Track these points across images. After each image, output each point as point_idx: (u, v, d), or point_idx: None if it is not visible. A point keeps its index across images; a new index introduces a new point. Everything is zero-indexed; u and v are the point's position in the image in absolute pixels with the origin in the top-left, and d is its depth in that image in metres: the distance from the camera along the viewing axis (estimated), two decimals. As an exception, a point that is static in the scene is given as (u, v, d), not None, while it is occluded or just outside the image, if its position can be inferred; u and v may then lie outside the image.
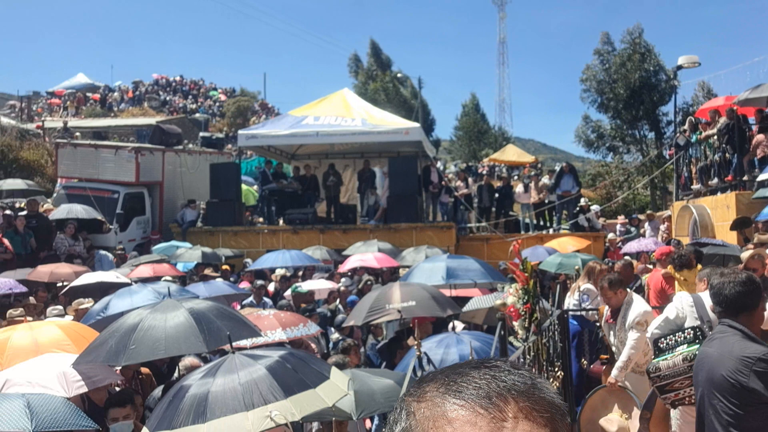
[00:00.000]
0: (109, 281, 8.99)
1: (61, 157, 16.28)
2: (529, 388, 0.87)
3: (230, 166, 17.44)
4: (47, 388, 4.80)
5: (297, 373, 4.11)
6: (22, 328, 5.71)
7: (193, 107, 39.56)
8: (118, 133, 26.28)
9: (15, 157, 20.19)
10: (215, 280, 10.14)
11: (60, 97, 38.41)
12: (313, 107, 17.45)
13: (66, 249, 12.88)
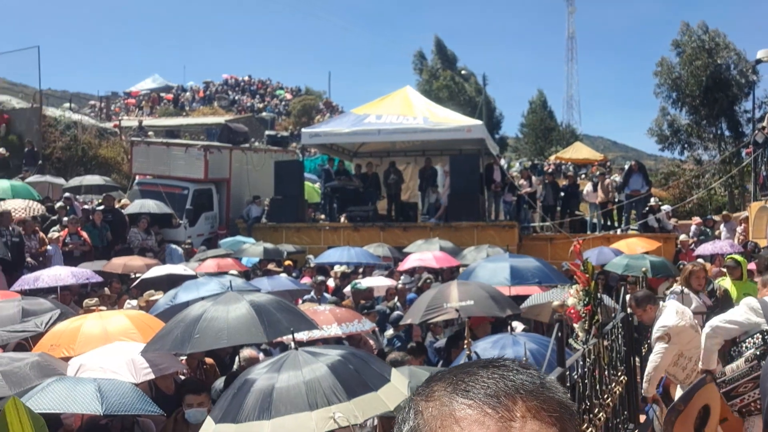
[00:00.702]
0: (177, 274, 9.36)
1: (136, 154, 17.06)
2: (538, 387, 0.86)
3: (294, 163, 17.78)
4: (117, 373, 5.04)
5: (359, 374, 4.07)
6: (92, 317, 6.01)
7: (260, 106, 40.54)
8: (189, 132, 27.26)
9: (94, 154, 21.31)
10: (278, 275, 10.36)
11: (136, 98, 40.23)
12: (375, 105, 17.56)
13: (139, 242, 13.48)
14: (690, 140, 32.17)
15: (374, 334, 8.60)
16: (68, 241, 12.26)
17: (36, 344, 6.02)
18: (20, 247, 11.07)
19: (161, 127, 27.78)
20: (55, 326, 6.08)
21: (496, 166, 17.00)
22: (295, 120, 38.21)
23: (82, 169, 19.64)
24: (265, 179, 17.34)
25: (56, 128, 21.29)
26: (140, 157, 16.99)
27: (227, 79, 46.30)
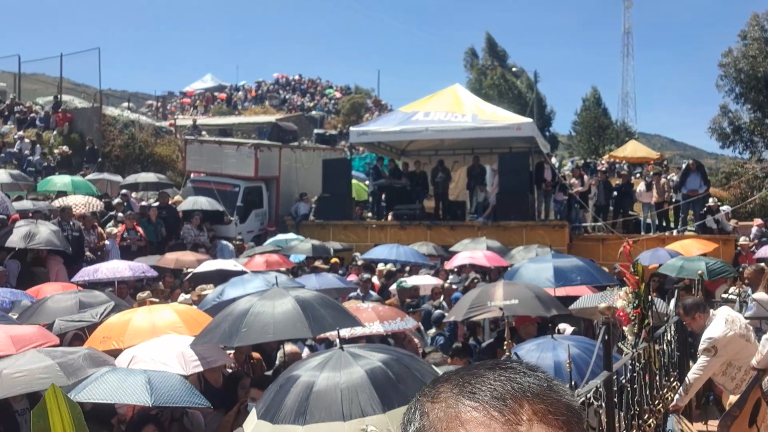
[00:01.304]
0: (227, 269, 9.57)
1: (189, 152, 17.54)
2: (545, 390, 0.85)
3: (342, 161, 17.92)
4: (167, 365, 5.19)
5: (398, 384, 3.96)
6: (142, 311, 6.20)
7: (310, 105, 41.02)
8: (241, 131, 27.84)
9: (150, 152, 22.00)
10: (325, 272, 10.46)
11: (191, 97, 41.34)
12: (423, 103, 17.51)
13: (192, 238, 13.84)
14: (752, 138, 30.79)
15: (419, 333, 8.59)
16: (126, 236, 12.72)
17: (91, 335, 6.26)
18: (80, 242, 11.54)
19: (214, 125, 28.45)
20: (108, 318, 6.31)
21: (547, 164, 16.69)
22: (344, 118, 38.48)
23: (138, 167, 20.30)
24: (314, 177, 17.53)
25: (115, 127, 22.08)
26: (194, 155, 17.45)
27: (278, 78, 47.04)
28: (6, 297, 7.99)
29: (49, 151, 20.27)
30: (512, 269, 8.52)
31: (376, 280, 12.16)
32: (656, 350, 4.99)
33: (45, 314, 6.98)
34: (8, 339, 5.75)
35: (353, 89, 49.85)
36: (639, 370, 4.45)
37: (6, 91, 25.50)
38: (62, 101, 22.99)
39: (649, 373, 4.76)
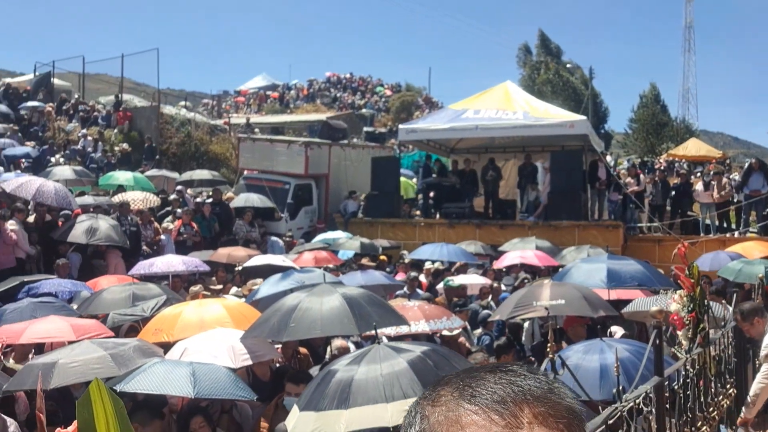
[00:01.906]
0: (275, 264, 9.74)
1: (242, 150, 17.93)
2: (546, 393, 0.84)
3: (390, 159, 17.95)
4: (218, 358, 5.33)
5: (438, 370, 4.17)
6: (192, 305, 6.38)
7: (360, 103, 41.25)
8: (292, 129, 28.25)
9: (205, 150, 22.59)
10: (372, 270, 10.50)
11: (245, 96, 42.21)
12: (473, 100, 17.35)
13: (243, 234, 14.15)
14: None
15: (465, 333, 8.53)
16: (181, 231, 13.10)
17: (144, 327, 6.47)
18: (137, 236, 11.96)
19: (267, 124, 28.97)
20: (161, 311, 6.51)
21: (601, 162, 16.27)
22: (394, 116, 38.53)
23: (194, 164, 20.88)
24: (363, 175, 17.63)
25: (172, 125, 22.76)
26: (246, 153, 17.83)
27: (330, 76, 47.48)
28: (67, 288, 8.36)
29: (110, 148, 21.07)
30: (563, 270, 8.35)
31: (423, 279, 12.14)
32: (712, 356, 4.80)
33: (101, 305, 7.27)
34: (69, 327, 6.04)
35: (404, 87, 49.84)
36: (693, 376, 4.29)
37: (71, 90, 26.62)
38: (123, 100, 23.84)
39: (703, 380, 4.58)
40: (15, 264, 10.30)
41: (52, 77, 26.22)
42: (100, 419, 1.24)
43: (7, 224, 10.37)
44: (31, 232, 11.02)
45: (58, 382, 4.97)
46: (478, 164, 17.65)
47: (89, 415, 1.24)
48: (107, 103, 24.70)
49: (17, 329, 6.08)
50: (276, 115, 34.79)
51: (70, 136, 21.60)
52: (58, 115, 23.06)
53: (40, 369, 5.08)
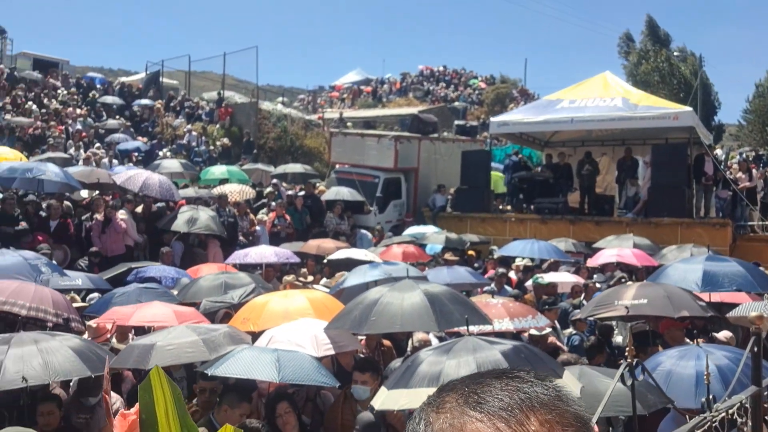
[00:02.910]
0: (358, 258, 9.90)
1: (334, 144, 18.30)
2: (553, 400, 0.82)
3: (481, 153, 17.68)
4: (302, 347, 5.50)
5: (531, 364, 4.21)
6: (278, 296, 6.61)
7: (453, 96, 40.91)
8: (384, 123, 28.49)
9: (300, 144, 23.29)
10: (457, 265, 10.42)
11: (339, 91, 43.04)
12: (570, 91, 16.75)
13: (333, 226, 14.47)
14: None
15: (555, 332, 8.29)
16: (275, 222, 13.60)
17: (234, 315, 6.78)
18: (234, 227, 12.53)
19: (359, 118, 29.39)
20: (251, 300, 6.79)
21: (708, 157, 15.23)
22: (488, 109, 37.88)
23: (289, 158, 21.57)
24: (452, 169, 17.50)
25: (269, 120, 23.63)
26: (338, 147, 18.19)
27: (423, 70, 47.38)
28: (170, 275, 8.91)
29: (212, 142, 22.19)
30: (660, 269, 7.90)
31: (513, 275, 11.91)
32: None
33: (197, 293, 7.69)
34: (173, 314, 6.46)
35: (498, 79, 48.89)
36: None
37: (178, 88, 28.24)
38: (224, 97, 25.00)
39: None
40: (124, 251, 11.10)
41: (161, 76, 27.91)
42: (160, 403, 1.31)
43: (118, 214, 11.19)
44: (139, 222, 11.83)
45: (155, 363, 5.31)
46: (574, 158, 17.02)
47: (150, 399, 1.32)
48: (210, 99, 26.01)
49: (126, 312, 6.55)
50: (368, 109, 35.21)
51: (176, 131, 22.95)
52: (167, 111, 24.56)
53: (139, 350, 5.45)
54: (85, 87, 25.88)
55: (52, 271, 7.32)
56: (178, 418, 1.31)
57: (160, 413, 1.30)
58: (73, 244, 10.89)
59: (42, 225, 10.63)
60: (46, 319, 5.91)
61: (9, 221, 10.30)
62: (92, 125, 21.87)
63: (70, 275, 8.45)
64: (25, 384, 4.58)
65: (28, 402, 4.99)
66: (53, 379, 4.85)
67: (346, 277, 8.19)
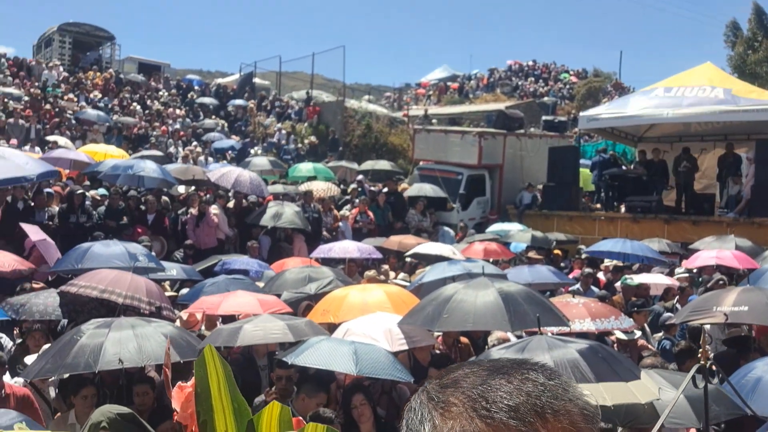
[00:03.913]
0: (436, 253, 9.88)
1: (417, 141, 18.34)
2: (567, 403, 0.78)
3: (569, 149, 17.14)
4: (376, 341, 5.58)
5: (609, 364, 4.14)
6: (357, 289, 6.73)
7: (542, 91, 39.89)
8: (470, 119, 28.22)
9: (385, 141, 23.52)
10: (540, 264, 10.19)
11: (425, 88, 43.04)
12: (666, 84, 15.89)
13: (415, 223, 14.52)
14: None
15: (644, 335, 7.94)
16: (358, 219, 13.84)
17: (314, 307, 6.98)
18: (318, 222, 12.87)
19: (445, 115, 29.26)
20: (331, 293, 6.97)
21: (822, 152, 13.99)
22: (579, 104, 36.61)
23: (374, 155, 21.84)
24: (539, 165, 17.09)
25: (355, 118, 24.02)
26: (421, 144, 18.21)
27: (511, 65, 46.52)
28: (254, 267, 9.30)
29: (300, 140, 22.85)
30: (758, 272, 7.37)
31: (601, 276, 11.51)
32: None
33: (282, 285, 7.98)
34: (257, 302, 6.75)
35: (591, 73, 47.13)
36: None
37: (269, 88, 29.27)
38: (312, 96, 25.67)
39: None
40: (216, 244, 11.67)
41: (254, 77, 29.03)
42: (213, 378, 1.40)
43: (211, 209, 11.77)
44: (230, 216, 12.40)
45: (242, 342, 5.63)
46: (670, 154, 16.15)
47: (204, 374, 1.40)
48: (299, 98, 26.77)
49: (214, 302, 6.91)
50: (454, 106, 34.99)
51: (267, 130, 23.82)
52: (258, 111, 25.53)
53: (228, 331, 5.76)
54: (184, 89, 27.37)
55: (148, 261, 7.83)
56: (230, 393, 1.38)
57: (213, 387, 1.38)
58: (169, 236, 11.58)
59: (141, 219, 11.38)
60: (140, 307, 6.32)
61: (113, 215, 11.09)
62: (190, 125, 23.11)
63: (165, 266, 9.02)
64: (121, 366, 4.94)
65: (126, 383, 5.38)
66: (145, 363, 5.19)
67: (425, 273, 8.22)
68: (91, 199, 11.45)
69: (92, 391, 5.10)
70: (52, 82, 22.53)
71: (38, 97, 20.36)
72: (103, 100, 22.63)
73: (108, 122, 20.08)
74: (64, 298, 6.68)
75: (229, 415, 1.36)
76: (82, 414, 5.18)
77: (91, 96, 22.66)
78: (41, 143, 17.03)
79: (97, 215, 10.94)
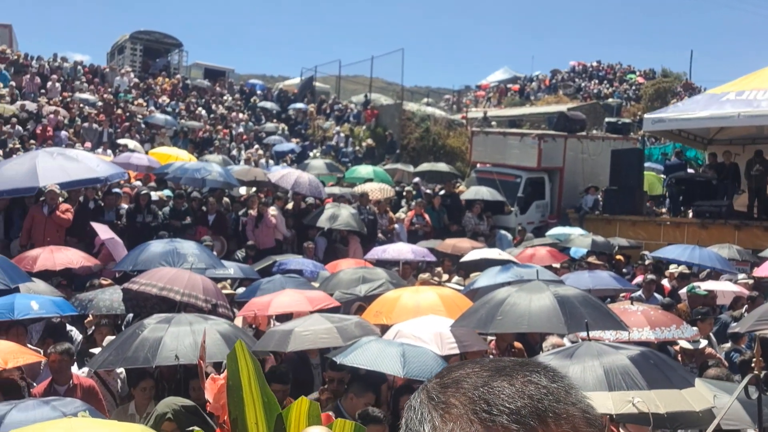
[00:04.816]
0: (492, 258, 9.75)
1: (475, 143, 18.17)
2: (569, 407, 0.76)
3: (633, 152, 16.57)
4: (426, 343, 5.56)
5: (661, 371, 4.04)
6: (410, 291, 6.73)
7: (607, 92, 38.80)
8: (530, 121, 27.75)
9: (443, 144, 23.44)
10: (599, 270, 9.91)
11: (485, 90, 42.65)
12: (738, 83, 15.17)
13: (472, 226, 14.39)
14: None
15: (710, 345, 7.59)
16: (414, 221, 13.84)
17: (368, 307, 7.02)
18: (374, 224, 12.94)
19: (504, 117, 28.91)
20: (384, 294, 6.99)
21: None
22: (646, 105, 35.40)
23: (431, 158, 21.78)
24: (601, 168, 16.63)
25: (413, 121, 24.04)
26: (479, 146, 18.03)
27: (574, 65, 45.47)
28: (309, 268, 9.46)
29: (357, 143, 23.06)
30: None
31: (666, 283, 11.09)
32: None
33: (337, 285, 8.07)
34: (305, 299, 6.86)
35: (659, 73, 45.49)
36: None
37: (329, 92, 29.69)
38: (370, 99, 25.86)
39: None
40: (274, 244, 11.93)
41: (314, 81, 29.51)
42: (243, 372, 1.44)
43: (269, 210, 12.04)
44: (288, 218, 12.64)
45: (294, 347, 5.72)
46: (742, 157, 15.38)
47: (235, 368, 1.45)
48: (358, 102, 27.03)
49: (264, 302, 7.06)
50: (514, 107, 34.51)
51: (326, 133, 24.17)
52: (318, 114, 25.95)
53: (279, 334, 5.86)
54: (247, 93, 28.13)
55: (198, 260, 7.92)
56: (259, 387, 1.42)
57: (244, 381, 1.42)
58: (229, 236, 11.91)
59: (203, 219, 11.76)
60: (197, 305, 6.53)
61: (177, 215, 11.51)
62: (252, 128, 23.73)
63: (225, 265, 9.28)
64: (177, 362, 5.11)
65: (183, 377, 5.56)
66: (199, 359, 5.36)
67: (478, 277, 8.14)
68: (158, 198, 11.94)
69: (151, 384, 5.31)
70: (124, 88, 23.62)
71: (111, 102, 21.38)
72: (170, 105, 23.54)
73: (175, 126, 20.87)
74: (128, 294, 6.99)
75: (259, 407, 1.40)
76: (141, 405, 5.40)
77: (160, 101, 23.62)
78: (113, 146, 17.88)
79: (162, 215, 11.37)
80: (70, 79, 23.44)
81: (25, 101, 19.56)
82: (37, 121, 18.20)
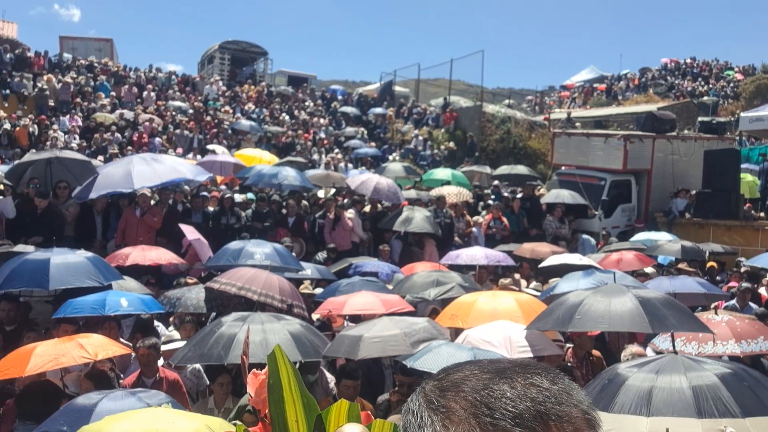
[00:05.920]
0: (572, 263, 9.42)
1: (557, 145, 17.65)
2: (571, 409, 0.75)
3: (728, 152, 15.55)
4: (495, 347, 5.48)
5: (755, 394, 3.71)
6: (486, 295, 6.65)
7: (702, 90, 36.71)
8: (618, 121, 26.66)
9: (523, 146, 22.95)
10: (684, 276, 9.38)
11: (570, 90, 41.43)
12: None
13: (553, 230, 13.98)
14: None
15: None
16: (491, 225, 13.63)
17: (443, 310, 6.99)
18: (450, 227, 12.86)
19: (590, 117, 27.91)
20: (460, 298, 6.94)
21: None
22: (746, 103, 33.20)
23: (512, 160, 21.38)
24: (693, 170, 15.73)
25: (493, 123, 23.70)
26: (561, 148, 17.51)
27: (666, 63, 43.34)
28: (384, 270, 9.53)
29: (436, 146, 23.00)
30: None
31: (764, 292, 10.35)
32: None
33: (411, 287, 8.10)
34: (380, 302, 6.92)
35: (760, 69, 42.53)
36: None
37: (408, 95, 29.80)
38: (450, 102, 25.73)
39: None
40: (350, 247, 12.09)
41: (394, 85, 29.72)
42: (283, 373, 1.47)
43: (346, 213, 12.22)
44: (365, 220, 12.78)
45: (363, 354, 5.77)
46: None
47: (275, 368, 1.48)
48: (437, 105, 26.97)
49: (340, 302, 7.19)
50: (601, 108, 33.29)
51: (405, 136, 24.26)
52: (397, 118, 26.10)
53: (349, 340, 5.93)
54: (328, 99, 28.73)
55: (264, 259, 8.16)
56: (299, 388, 1.44)
57: (284, 381, 1.45)
58: (308, 238, 12.19)
59: (282, 221, 12.11)
60: (273, 305, 6.72)
61: (259, 218, 11.91)
62: (333, 133, 24.20)
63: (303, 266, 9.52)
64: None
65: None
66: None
67: (557, 283, 7.91)
68: (242, 201, 12.41)
69: (227, 379, 5.52)
70: (213, 96, 24.74)
71: (200, 109, 22.45)
72: (255, 111, 24.42)
73: (259, 132, 21.63)
74: (211, 294, 7.29)
75: (299, 407, 1.42)
76: (219, 399, 5.63)
77: (246, 108, 24.56)
78: (202, 152, 18.75)
79: (245, 217, 11.80)
80: (164, 89, 24.83)
81: (123, 110, 20.92)
82: (134, 128, 19.39)
